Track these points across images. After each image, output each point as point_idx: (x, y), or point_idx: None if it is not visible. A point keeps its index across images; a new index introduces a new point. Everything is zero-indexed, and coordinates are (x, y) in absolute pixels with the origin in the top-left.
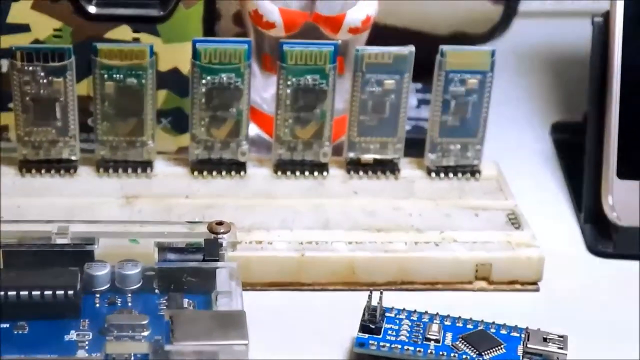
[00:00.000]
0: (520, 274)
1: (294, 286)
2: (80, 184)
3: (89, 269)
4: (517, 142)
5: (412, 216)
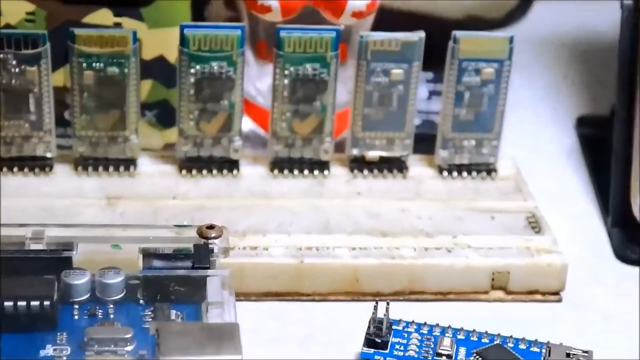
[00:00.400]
0: (540, 283)
1: (292, 296)
2: (57, 183)
3: (66, 277)
4: (538, 138)
5: (421, 219)
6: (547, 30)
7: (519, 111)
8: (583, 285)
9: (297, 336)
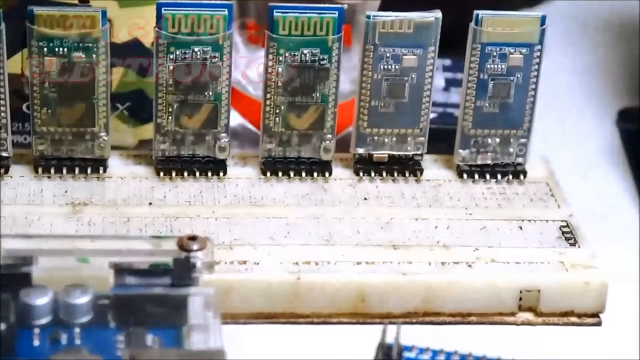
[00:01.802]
0: (576, 304)
1: (287, 318)
2: (14, 187)
3: (25, 296)
4: (574, 134)
5: (438, 229)
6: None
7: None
8: (625, 307)
9: None
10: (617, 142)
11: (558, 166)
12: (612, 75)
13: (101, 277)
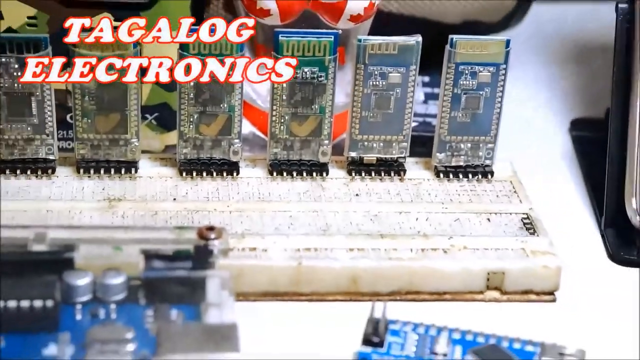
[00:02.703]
0: (535, 284)
1: (291, 297)
2: (59, 186)
3: (68, 278)
4: (533, 140)
5: (418, 221)
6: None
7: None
8: (577, 286)
9: (295, 336)
10: (570, 147)
11: (520, 167)
12: (565, 91)
13: (133, 262)
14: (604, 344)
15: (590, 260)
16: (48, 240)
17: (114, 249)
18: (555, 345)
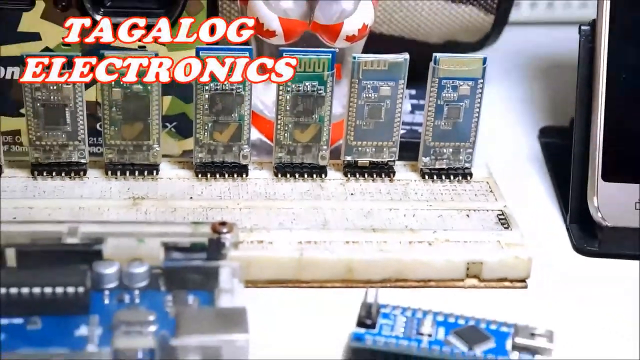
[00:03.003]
0: (509, 273)
1: (293, 284)
2: (90, 186)
3: (97, 267)
4: (507, 146)
5: (406, 217)
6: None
7: (491, 122)
8: (546, 275)
9: (297, 318)
10: (539, 152)
11: (495, 170)
12: (534, 102)
13: (154, 253)
14: (570, 325)
15: (557, 252)
16: (80, 234)
17: (138, 242)
18: (527, 326)
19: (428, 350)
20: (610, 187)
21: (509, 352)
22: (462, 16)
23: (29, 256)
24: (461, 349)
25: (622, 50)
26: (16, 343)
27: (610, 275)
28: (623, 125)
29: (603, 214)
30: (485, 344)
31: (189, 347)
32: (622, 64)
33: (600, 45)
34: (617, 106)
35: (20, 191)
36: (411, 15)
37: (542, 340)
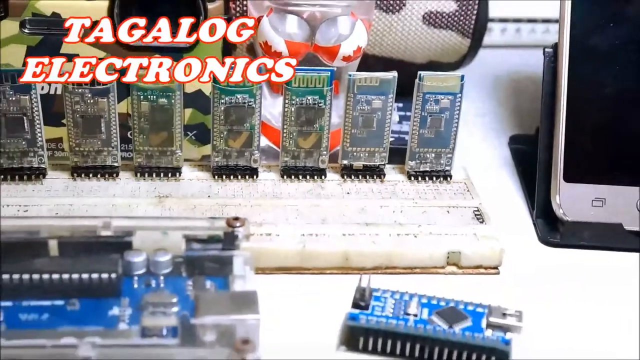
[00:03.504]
0: (483, 261)
1: (297, 271)
2: (121, 186)
3: (128, 256)
4: (482, 151)
5: (395, 213)
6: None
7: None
8: (515, 263)
9: (300, 301)
10: (509, 157)
11: (472, 172)
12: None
13: (177, 244)
14: (537, 307)
15: (525, 243)
16: (112, 227)
17: (162, 234)
18: (499, 307)
19: (414, 328)
20: (571, 187)
21: (483, 329)
22: (442, 40)
23: (68, 247)
24: (442, 327)
25: (579, 70)
26: (58, 321)
27: (571, 264)
28: (581, 133)
29: (564, 210)
30: (463, 323)
31: (207, 325)
32: (580, 81)
33: (561, 65)
34: (576, 117)
35: (62, 190)
36: (399, 39)
37: (513, 319)
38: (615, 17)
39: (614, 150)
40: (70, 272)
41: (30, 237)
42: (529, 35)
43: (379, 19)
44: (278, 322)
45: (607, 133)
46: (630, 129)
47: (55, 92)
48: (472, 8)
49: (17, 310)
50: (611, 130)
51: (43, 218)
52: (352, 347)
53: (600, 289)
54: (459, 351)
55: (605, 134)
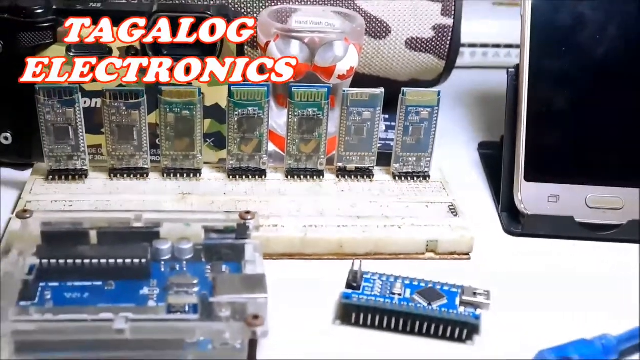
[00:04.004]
0: (457, 248)
1: (299, 257)
2: (151, 185)
3: (156, 244)
4: (455, 156)
5: (382, 207)
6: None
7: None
8: (484, 249)
9: (302, 282)
10: (479, 160)
11: (447, 173)
12: (475, 123)
13: (197, 234)
14: (502, 287)
15: (492, 233)
16: (143, 220)
17: (185, 225)
18: (471, 287)
19: (398, 305)
20: (530, 186)
21: (457, 306)
22: (422, 62)
23: (106, 236)
24: (422, 305)
25: (537, 87)
26: (97, 299)
27: (531, 251)
28: (539, 140)
29: (525, 205)
30: (440, 301)
31: (223, 303)
32: (537, 97)
33: (521, 83)
34: (535, 127)
35: (101, 188)
36: (385, 60)
37: (482, 297)
38: (567, 42)
39: (566, 154)
40: (107, 257)
41: (74, 228)
42: (494, 58)
43: (368, 43)
44: (283, 300)
45: (561, 140)
46: (580, 137)
47: (95, 105)
48: (447, 35)
49: (62, 290)
50: (564, 138)
51: (85, 212)
52: (346, 322)
53: (555, 272)
54: (437, 325)
55: (559, 141)
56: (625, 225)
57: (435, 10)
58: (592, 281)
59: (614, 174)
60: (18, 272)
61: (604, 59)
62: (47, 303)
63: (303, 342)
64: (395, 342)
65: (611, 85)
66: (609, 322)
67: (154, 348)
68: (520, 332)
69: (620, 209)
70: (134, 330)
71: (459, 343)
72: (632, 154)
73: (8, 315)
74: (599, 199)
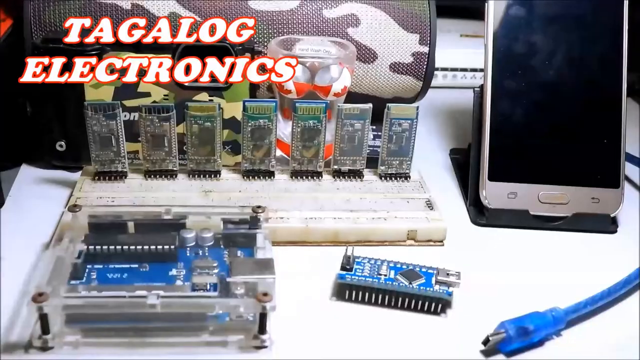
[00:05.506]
0: (433, 236)
1: (302, 244)
2: (178, 184)
3: (182, 233)
4: (431, 160)
5: (370, 203)
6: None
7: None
8: (455, 237)
9: (304, 265)
10: (450, 164)
11: (424, 174)
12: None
13: (217, 225)
14: (470, 268)
15: (461, 224)
16: (172, 213)
17: (207, 218)
18: (444, 269)
19: (384, 284)
20: (493, 185)
21: (433, 285)
22: (403, 82)
23: (142, 226)
24: (404, 283)
25: (498, 103)
26: (134, 279)
27: (493, 238)
28: (500, 147)
29: (489, 201)
30: (419, 280)
31: (238, 282)
32: (498, 111)
33: (485, 100)
34: (496, 136)
35: (137, 187)
36: (373, 81)
37: (454, 277)
38: (522, 66)
39: (522, 158)
40: (142, 244)
41: (115, 220)
42: (462, 79)
43: (358, 67)
44: (288, 280)
45: (518, 147)
46: (533, 144)
47: (133, 118)
48: (424, 60)
49: (105, 271)
50: (520, 145)
51: (124, 206)
52: (341, 298)
53: (514, 256)
54: (416, 300)
55: (516, 148)
56: (570, 217)
57: (414, 40)
58: (544, 263)
59: (561, 174)
60: (69, 256)
61: (552, 80)
62: (92, 282)
63: (305, 315)
64: (382, 314)
65: (558, 101)
66: (558, 297)
67: (181, 320)
68: (485, 306)
69: (566, 203)
70: (164, 305)
71: (434, 315)
72: (575, 158)
73: (60, 292)
74: (549, 195)
